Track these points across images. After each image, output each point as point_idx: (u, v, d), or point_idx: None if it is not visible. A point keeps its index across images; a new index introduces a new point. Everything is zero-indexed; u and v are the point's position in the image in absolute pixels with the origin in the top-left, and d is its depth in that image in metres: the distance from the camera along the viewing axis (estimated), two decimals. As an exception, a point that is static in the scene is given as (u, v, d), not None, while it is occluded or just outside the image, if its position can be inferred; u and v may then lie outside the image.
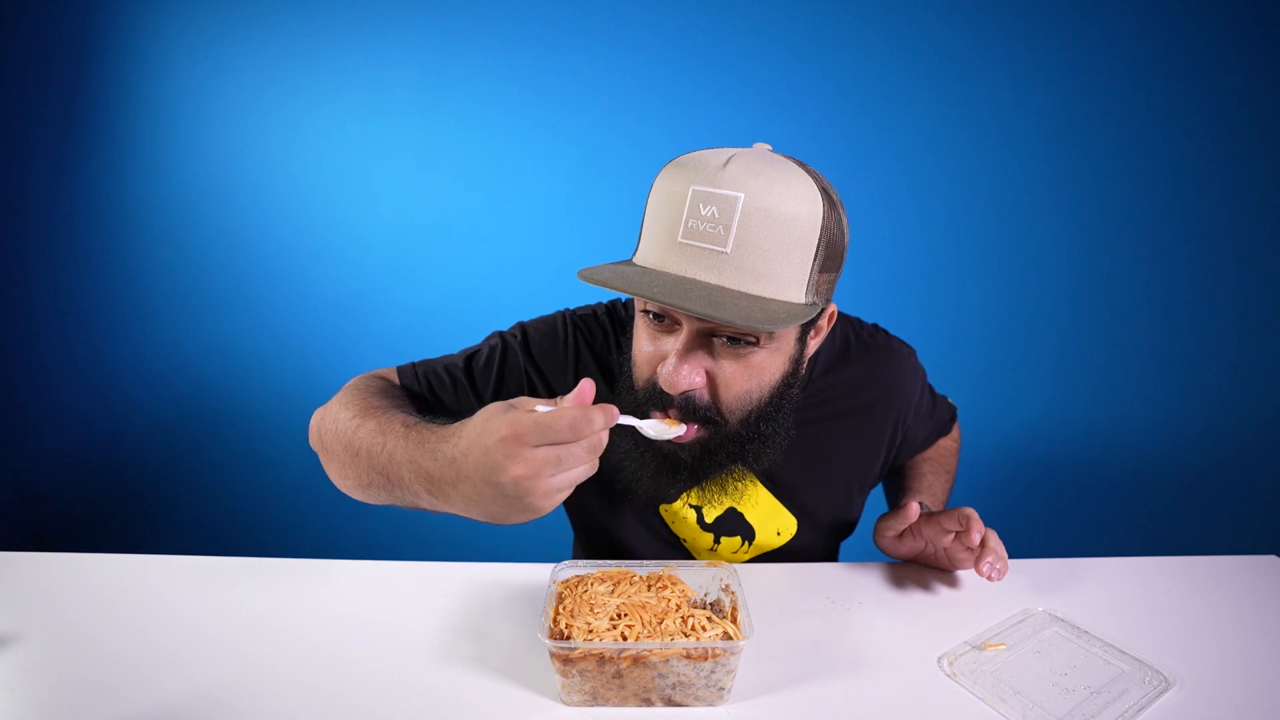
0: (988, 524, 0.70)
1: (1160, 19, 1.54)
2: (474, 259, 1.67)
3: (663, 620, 0.56)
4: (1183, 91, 1.57)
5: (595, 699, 0.55)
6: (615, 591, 0.60)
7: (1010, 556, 0.77)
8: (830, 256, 0.57)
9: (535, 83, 1.59)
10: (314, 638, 0.64)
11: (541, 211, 1.65)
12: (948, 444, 0.96)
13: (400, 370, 0.76)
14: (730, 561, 0.78)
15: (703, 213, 0.53)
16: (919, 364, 0.86)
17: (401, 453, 0.53)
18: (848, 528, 0.87)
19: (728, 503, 0.76)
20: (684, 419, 0.59)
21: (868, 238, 1.64)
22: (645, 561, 0.65)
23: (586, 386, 0.47)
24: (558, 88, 1.59)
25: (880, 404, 0.80)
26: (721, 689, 0.55)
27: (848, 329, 0.81)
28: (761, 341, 0.58)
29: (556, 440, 0.44)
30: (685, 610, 0.57)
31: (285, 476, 1.77)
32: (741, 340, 0.57)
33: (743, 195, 0.52)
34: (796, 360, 0.63)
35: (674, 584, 0.62)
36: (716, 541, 0.78)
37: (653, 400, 0.60)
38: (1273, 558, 0.81)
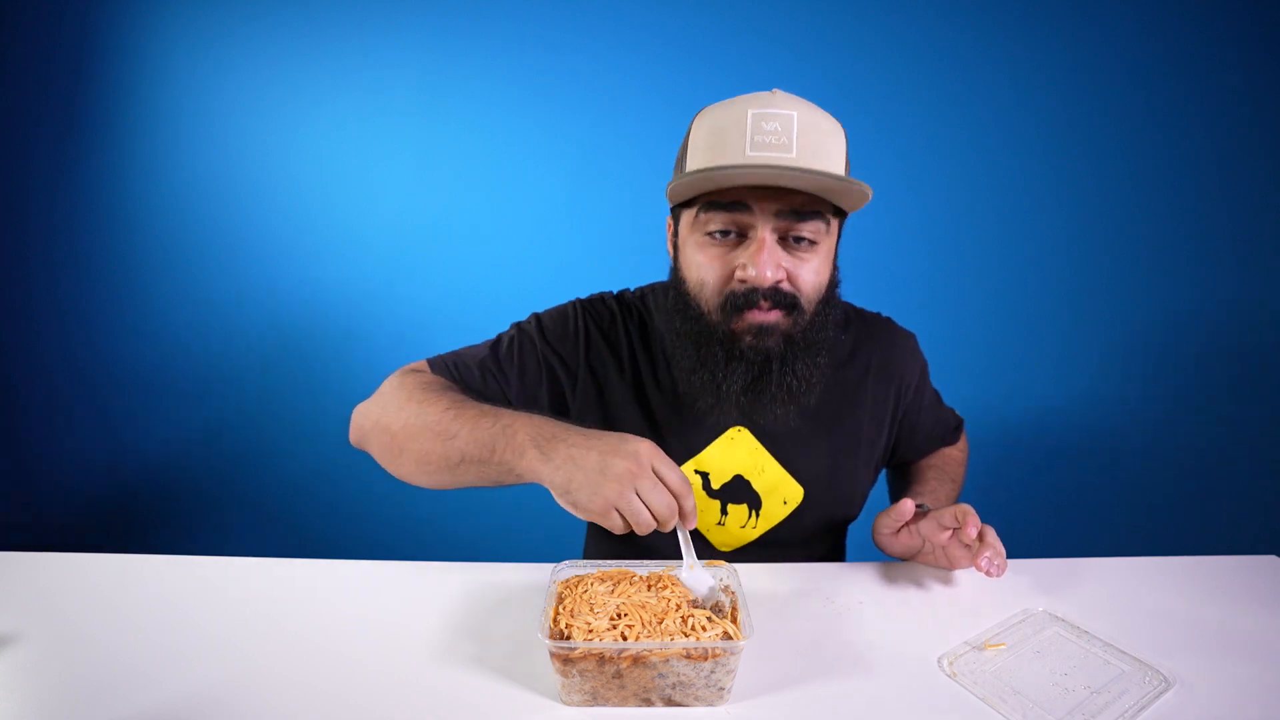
0: (987, 522, 0.70)
1: (1160, 19, 1.54)
2: (474, 259, 1.67)
3: (662, 620, 0.56)
4: (1183, 91, 1.57)
5: (595, 699, 0.55)
6: (615, 591, 0.60)
7: (1010, 556, 0.77)
8: (848, 167, 0.69)
9: (535, 83, 1.59)
10: (314, 638, 0.64)
11: (541, 211, 1.65)
12: (954, 454, 0.95)
13: (431, 364, 0.78)
14: (738, 538, 0.80)
15: (766, 128, 0.62)
16: (920, 350, 0.88)
17: (524, 423, 0.60)
18: (851, 507, 0.86)
19: (733, 468, 0.77)
20: (775, 306, 0.66)
21: (868, 237, 1.65)
22: (645, 561, 0.65)
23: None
24: (558, 88, 1.59)
25: (879, 375, 0.83)
26: (722, 689, 0.55)
27: (849, 306, 0.85)
28: (819, 241, 0.67)
29: (668, 480, 0.55)
30: (685, 610, 0.57)
31: (285, 476, 1.77)
32: (805, 238, 0.66)
33: (795, 113, 0.63)
34: (834, 265, 0.72)
35: (674, 584, 0.62)
36: (724, 511, 0.78)
37: (737, 305, 0.66)
38: (1273, 558, 0.81)
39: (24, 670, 0.59)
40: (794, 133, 0.62)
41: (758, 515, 0.79)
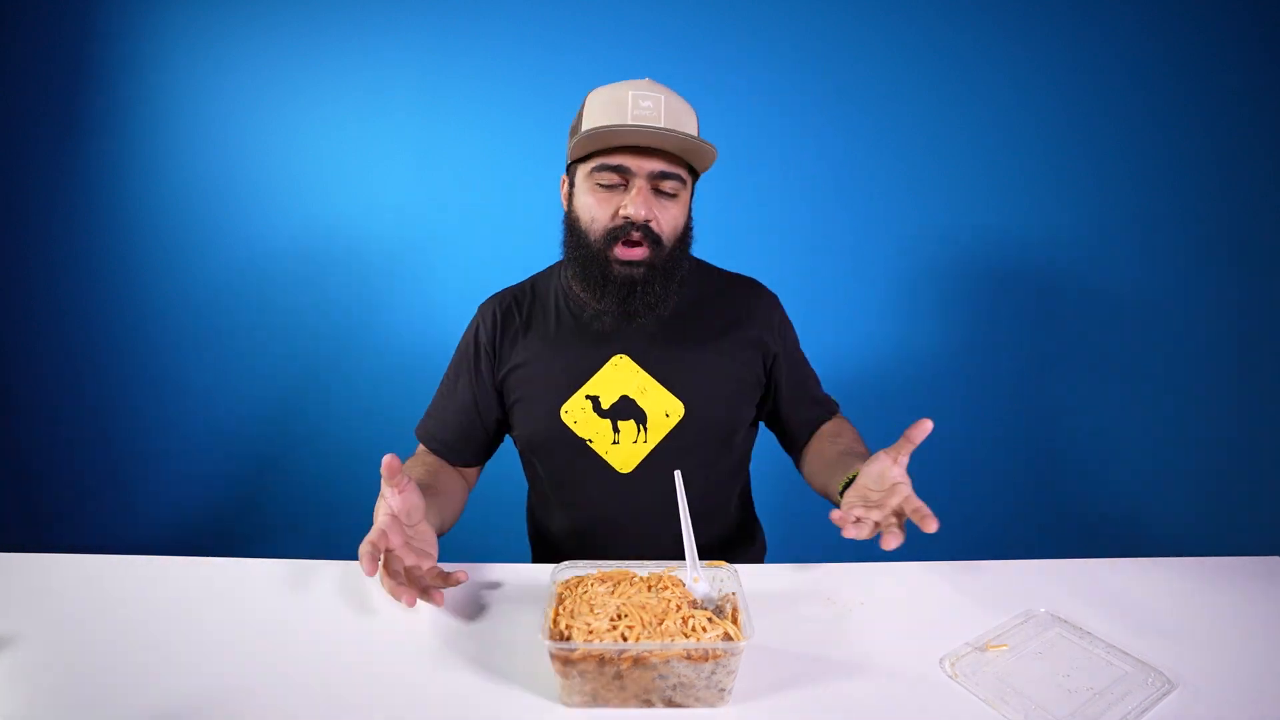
0: (988, 522, 0.70)
1: (1160, 19, 1.54)
2: (474, 259, 1.67)
3: (663, 621, 0.56)
4: (1183, 91, 1.56)
5: (595, 700, 0.55)
6: (615, 592, 0.60)
7: (1011, 556, 0.77)
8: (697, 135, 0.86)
9: (535, 83, 1.59)
10: (314, 638, 0.64)
11: (541, 211, 1.65)
12: (848, 426, 1.01)
13: (418, 434, 1.00)
14: (633, 454, 0.90)
15: (642, 104, 0.82)
16: (781, 308, 1.01)
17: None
18: (732, 425, 0.94)
19: (619, 389, 0.91)
20: (644, 240, 0.84)
21: (868, 236, 1.65)
22: (645, 562, 0.65)
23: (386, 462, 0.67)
24: (558, 88, 1.59)
25: (744, 309, 0.97)
26: (722, 690, 0.55)
27: (725, 271, 1.02)
28: (679, 195, 0.86)
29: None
30: (685, 611, 0.57)
31: (285, 476, 1.77)
32: (672, 181, 0.85)
33: (664, 96, 0.84)
34: (689, 215, 0.91)
35: (674, 585, 0.62)
36: (615, 429, 0.91)
37: (615, 236, 0.84)
38: (1274, 558, 0.81)
39: (24, 670, 0.59)
40: (662, 110, 0.83)
41: (645, 429, 0.90)
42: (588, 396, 0.90)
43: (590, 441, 0.90)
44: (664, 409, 0.91)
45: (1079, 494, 1.75)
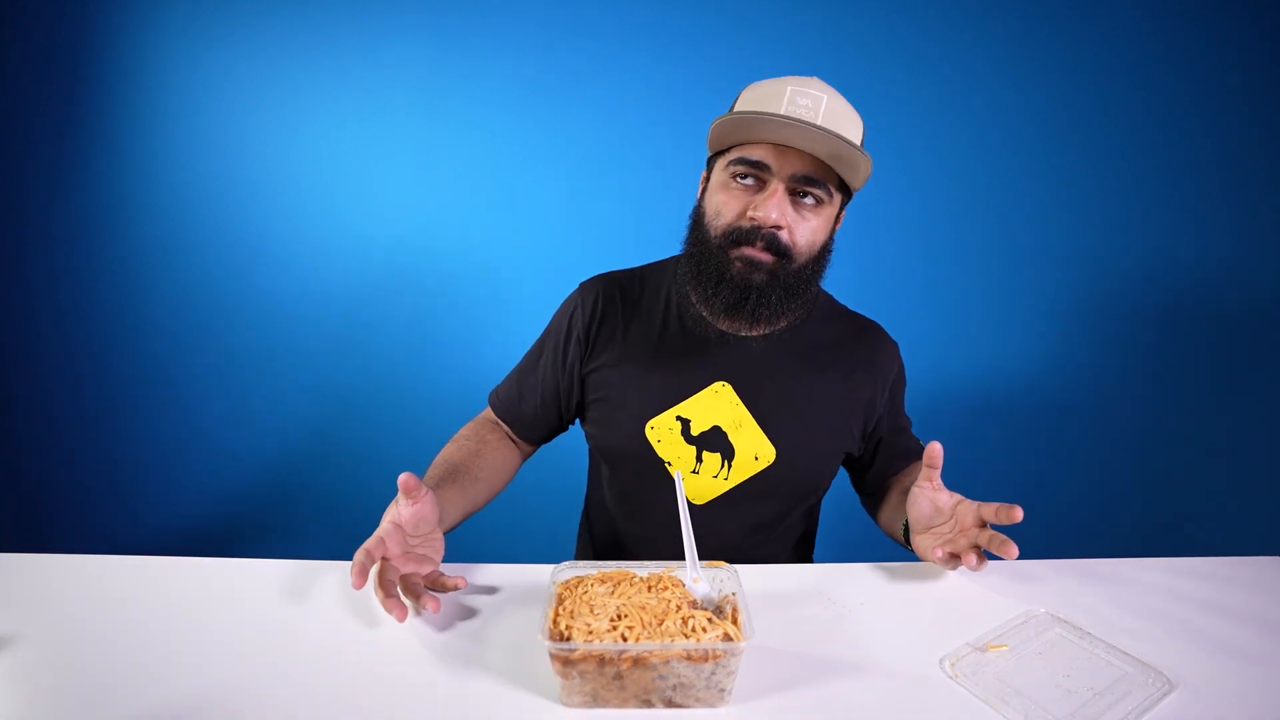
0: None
1: (1160, 19, 1.54)
2: (474, 259, 1.67)
3: (663, 621, 0.56)
4: (1183, 92, 1.56)
5: (595, 700, 0.55)
6: (615, 592, 0.60)
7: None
8: (862, 146, 0.78)
9: (535, 83, 1.59)
10: (314, 638, 0.64)
11: (542, 211, 1.65)
12: None
13: (490, 399, 0.96)
14: (710, 489, 0.85)
15: (800, 101, 0.73)
16: (901, 360, 0.94)
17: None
18: (818, 481, 0.90)
19: (713, 418, 0.85)
20: (768, 250, 0.76)
21: (868, 236, 1.65)
22: (645, 563, 0.65)
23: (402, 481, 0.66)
24: (558, 88, 1.59)
25: (862, 366, 0.90)
26: (722, 690, 0.55)
27: (848, 310, 0.95)
28: (823, 205, 0.78)
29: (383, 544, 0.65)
30: (685, 611, 0.57)
31: (285, 477, 1.77)
32: (813, 198, 0.77)
33: (826, 96, 0.74)
34: (831, 232, 0.83)
35: (674, 585, 0.62)
36: (699, 459, 0.85)
37: (738, 238, 0.77)
38: (1274, 558, 0.81)
39: (24, 670, 0.59)
40: (821, 109, 0.73)
41: (730, 466, 0.85)
42: (679, 418, 0.84)
43: (669, 465, 0.85)
44: (755, 451, 0.84)
45: (1079, 494, 1.75)
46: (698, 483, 0.85)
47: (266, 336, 1.71)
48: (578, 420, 0.96)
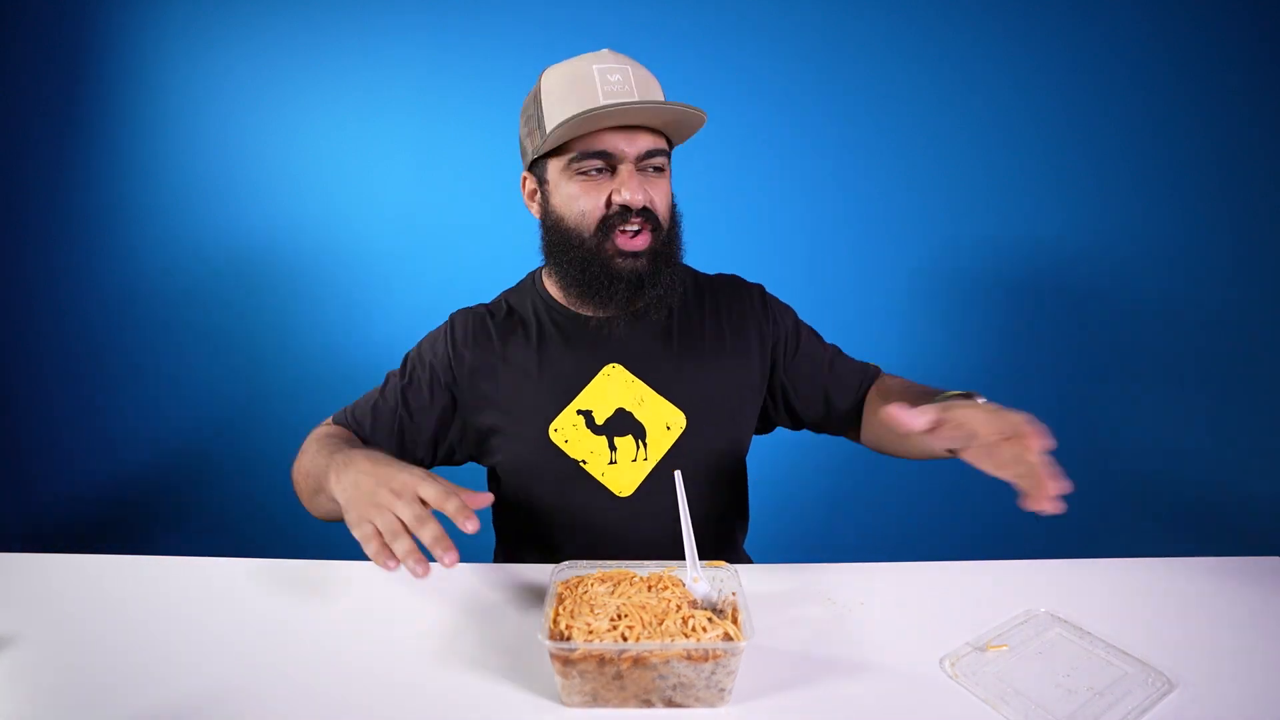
0: (988, 522, 0.69)
1: (1160, 19, 1.54)
2: (474, 259, 1.67)
3: (663, 621, 0.56)
4: (1183, 92, 1.56)
5: (595, 700, 0.55)
6: (615, 592, 0.60)
7: (1011, 556, 0.77)
8: None
9: (535, 83, 1.59)
10: (314, 638, 0.64)
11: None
12: (898, 378, 0.92)
13: (334, 417, 0.90)
14: (633, 475, 0.82)
15: (611, 79, 0.75)
16: (771, 297, 0.95)
17: (346, 454, 0.68)
18: (736, 437, 0.89)
19: (614, 402, 0.83)
20: (643, 228, 0.78)
21: (868, 236, 1.65)
22: (645, 562, 0.65)
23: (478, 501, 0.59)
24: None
25: (737, 311, 0.91)
26: (722, 690, 0.55)
27: (697, 272, 0.96)
28: (666, 170, 0.81)
29: (428, 497, 0.57)
30: (685, 611, 0.57)
31: (285, 476, 1.77)
32: (659, 156, 0.78)
33: (629, 67, 0.77)
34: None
35: (674, 585, 0.62)
36: (612, 447, 0.83)
37: (612, 224, 0.77)
38: (1274, 558, 0.81)
39: (24, 670, 0.59)
40: (633, 81, 0.75)
41: (645, 444, 0.83)
42: (579, 411, 0.82)
43: (584, 463, 0.82)
44: (664, 421, 0.83)
45: (1079, 494, 1.74)
46: (619, 472, 0.82)
47: (264, 336, 1.71)
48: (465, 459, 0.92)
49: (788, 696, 0.57)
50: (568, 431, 0.82)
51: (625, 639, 0.54)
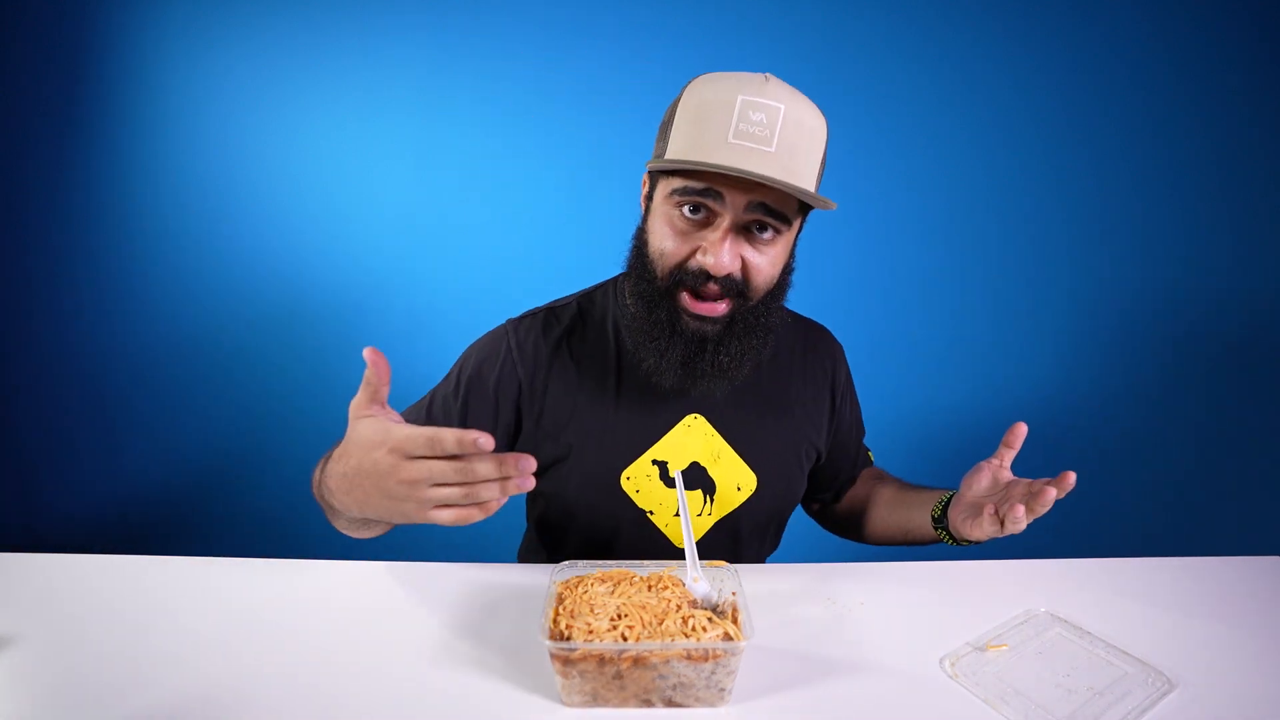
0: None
1: (1160, 19, 1.54)
2: (475, 259, 1.67)
3: (663, 621, 0.56)
4: (1183, 92, 1.56)
5: (595, 700, 0.55)
6: (615, 592, 0.60)
7: (1011, 556, 0.77)
8: (824, 164, 0.70)
9: (535, 83, 1.59)
10: (314, 638, 0.64)
11: (542, 211, 1.65)
12: (882, 472, 0.96)
13: None
14: (694, 527, 0.79)
15: (752, 118, 0.63)
16: (846, 363, 0.92)
17: (325, 476, 0.62)
18: (793, 500, 0.87)
19: (690, 455, 0.79)
20: (724, 294, 0.69)
21: (868, 236, 1.65)
22: (645, 562, 0.65)
23: (372, 357, 0.53)
24: (558, 88, 1.59)
25: (820, 370, 0.87)
26: (722, 690, 0.55)
27: (794, 313, 0.90)
28: (781, 233, 0.69)
29: (427, 454, 0.49)
30: (685, 611, 0.57)
31: (285, 476, 1.77)
32: (769, 229, 0.68)
33: (783, 106, 0.64)
34: (792, 253, 0.75)
35: (674, 585, 0.62)
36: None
37: (684, 282, 0.69)
38: (1275, 559, 0.81)
39: (24, 670, 0.59)
40: (778, 127, 0.63)
41: (713, 501, 0.80)
42: (655, 461, 0.77)
43: (651, 514, 0.78)
44: (736, 481, 0.80)
45: (1079, 494, 1.75)
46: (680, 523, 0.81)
47: (265, 336, 1.71)
48: None
49: (788, 696, 0.57)
50: (640, 481, 0.78)
51: (625, 639, 0.54)
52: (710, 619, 0.56)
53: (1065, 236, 1.64)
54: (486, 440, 0.47)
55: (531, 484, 0.48)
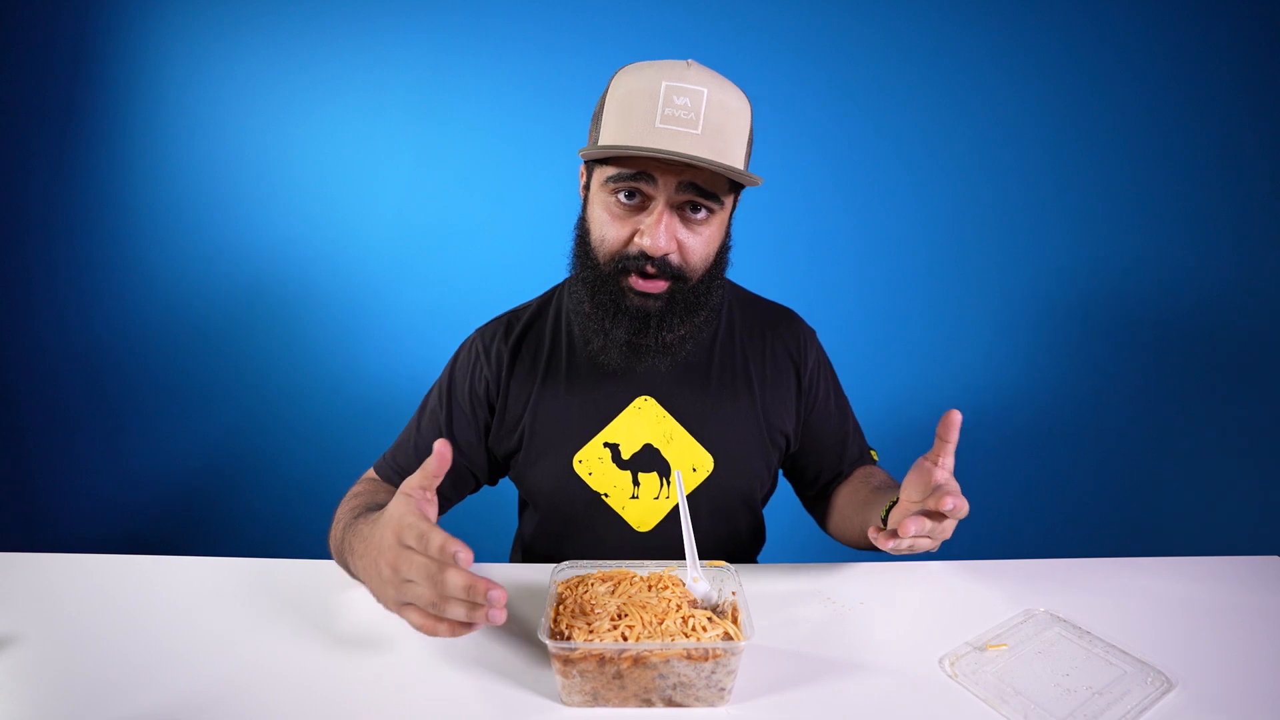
0: (988, 522, 0.69)
1: (1160, 19, 1.54)
2: (474, 259, 1.67)
3: (663, 621, 0.56)
4: (1183, 92, 1.57)
5: (596, 699, 0.55)
6: (616, 592, 0.60)
7: (1011, 556, 0.77)
8: (750, 144, 0.73)
9: (535, 83, 1.59)
10: (314, 638, 0.64)
11: (541, 211, 1.65)
12: (881, 471, 0.91)
13: (376, 468, 0.86)
14: (654, 512, 0.81)
15: (676, 102, 0.65)
16: (820, 346, 0.91)
17: (349, 533, 0.65)
18: (760, 483, 0.85)
19: (642, 437, 0.80)
20: (661, 275, 0.71)
21: (867, 237, 1.65)
22: (646, 562, 0.65)
23: (440, 449, 0.52)
24: (558, 88, 1.59)
25: (780, 358, 0.86)
26: (722, 689, 0.55)
27: (756, 296, 0.91)
28: (715, 213, 0.71)
29: (415, 547, 0.49)
30: (685, 610, 0.57)
31: (285, 476, 1.77)
32: (702, 209, 0.70)
33: (706, 90, 0.66)
34: (728, 232, 0.77)
35: (675, 585, 0.62)
36: (635, 482, 0.80)
37: (627, 266, 0.71)
38: (1274, 558, 0.81)
39: (24, 670, 0.59)
40: (702, 109, 0.65)
41: (669, 484, 0.81)
42: (606, 444, 0.80)
43: (606, 496, 0.80)
44: (691, 462, 0.80)
45: (1078, 494, 1.75)
46: (640, 508, 0.81)
47: (265, 336, 1.71)
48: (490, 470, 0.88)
49: (788, 696, 0.57)
50: (592, 464, 0.80)
51: (625, 638, 0.54)
52: (710, 619, 0.56)
53: (1065, 236, 1.64)
54: (465, 556, 0.47)
55: (502, 618, 0.47)
